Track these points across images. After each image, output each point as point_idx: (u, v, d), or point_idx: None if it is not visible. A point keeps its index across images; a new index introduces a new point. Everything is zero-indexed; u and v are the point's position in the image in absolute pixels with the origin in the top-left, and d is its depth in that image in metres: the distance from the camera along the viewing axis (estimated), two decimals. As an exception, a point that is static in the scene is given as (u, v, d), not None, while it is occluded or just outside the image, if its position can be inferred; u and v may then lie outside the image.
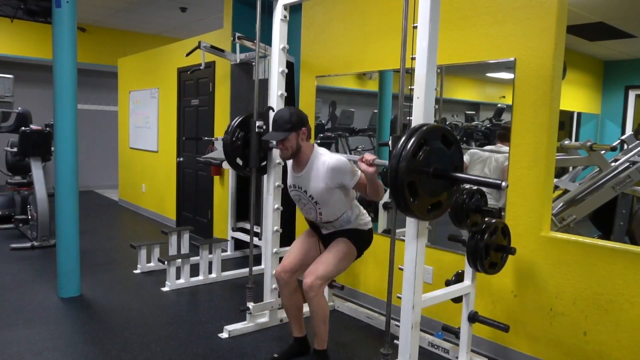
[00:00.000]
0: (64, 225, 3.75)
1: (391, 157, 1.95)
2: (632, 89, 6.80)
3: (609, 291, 2.48)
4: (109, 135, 9.04)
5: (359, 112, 4.75)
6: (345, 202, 2.63)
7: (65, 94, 3.63)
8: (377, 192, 2.47)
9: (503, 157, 3.00)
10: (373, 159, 2.30)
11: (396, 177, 1.91)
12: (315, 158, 2.59)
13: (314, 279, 2.54)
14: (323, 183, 2.54)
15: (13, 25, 7.15)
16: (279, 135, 2.54)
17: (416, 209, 1.97)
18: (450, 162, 2.04)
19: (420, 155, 1.93)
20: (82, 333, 3.18)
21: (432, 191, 2.01)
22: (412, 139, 1.92)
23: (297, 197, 2.73)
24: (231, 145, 3.11)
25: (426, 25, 2.09)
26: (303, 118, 2.60)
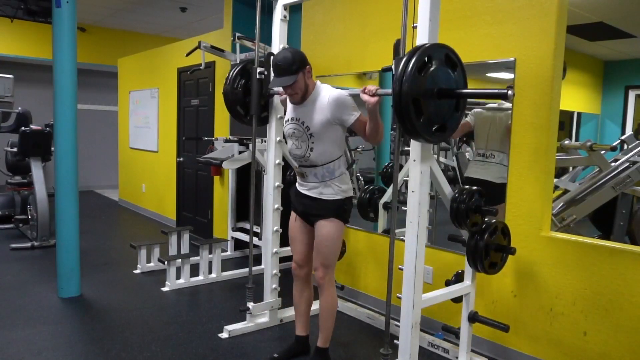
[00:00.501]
0: (64, 225, 3.75)
1: (394, 80, 1.91)
2: (632, 89, 6.80)
3: (609, 291, 2.48)
4: (109, 135, 9.04)
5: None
6: (337, 146, 2.57)
7: (65, 94, 3.63)
8: (377, 130, 2.41)
9: (506, 117, 2.96)
10: (376, 89, 2.24)
11: (401, 95, 1.87)
12: (318, 92, 2.55)
13: (323, 269, 2.64)
14: (323, 116, 2.49)
15: (13, 25, 7.14)
16: (287, 80, 2.46)
17: (421, 128, 1.94)
18: (455, 84, 2.01)
19: (424, 74, 1.90)
20: (82, 333, 3.18)
21: (437, 112, 1.98)
22: (414, 57, 1.89)
23: (291, 131, 2.64)
24: (232, 93, 3.05)
25: (426, 25, 2.09)
26: (304, 56, 2.53)
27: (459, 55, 2.07)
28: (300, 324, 2.88)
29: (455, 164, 3.92)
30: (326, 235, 2.62)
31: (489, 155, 3.22)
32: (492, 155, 3.20)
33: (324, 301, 2.69)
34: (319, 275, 2.66)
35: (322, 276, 2.65)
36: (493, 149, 3.22)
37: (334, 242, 2.63)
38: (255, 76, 3.03)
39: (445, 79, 1.99)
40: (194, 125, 5.96)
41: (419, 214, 2.16)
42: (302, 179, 2.68)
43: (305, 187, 2.68)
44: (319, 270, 2.65)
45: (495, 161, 3.18)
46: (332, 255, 2.65)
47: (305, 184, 2.68)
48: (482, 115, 3.30)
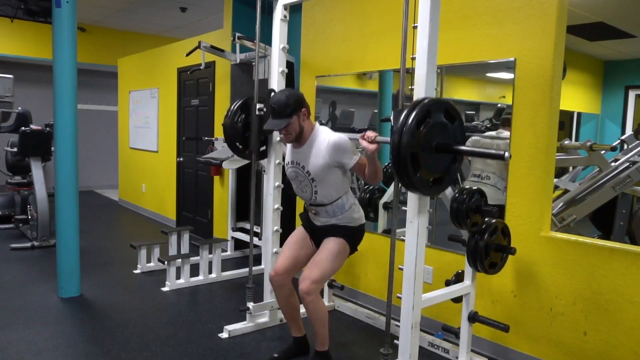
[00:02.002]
0: (64, 225, 3.75)
1: (393, 132, 1.93)
2: (632, 89, 6.79)
3: (609, 291, 2.48)
4: (109, 135, 9.03)
5: (359, 112, 4.75)
6: (342, 185, 2.58)
7: (65, 94, 3.63)
8: (376, 173, 2.42)
9: (504, 144, 2.99)
10: (375, 135, 2.26)
11: (399, 150, 1.89)
12: (316, 135, 2.55)
13: (310, 283, 2.50)
14: (322, 160, 2.50)
15: (13, 25, 7.14)
16: (280, 122, 2.49)
17: (419, 183, 1.96)
18: (453, 137, 2.03)
19: (423, 129, 1.92)
20: (82, 333, 3.18)
21: (435, 166, 2.00)
22: (414, 112, 1.91)
23: (294, 174, 2.66)
24: (231, 128, 3.08)
25: (426, 25, 2.09)
26: (301, 98, 2.54)
27: (457, 109, 2.08)
28: (294, 326, 2.87)
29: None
30: (329, 250, 2.58)
31: (485, 177, 3.21)
32: (487, 177, 3.20)
33: (311, 314, 2.58)
34: (304, 289, 2.49)
35: (307, 290, 2.49)
36: (489, 171, 3.22)
37: (333, 259, 2.57)
38: (254, 112, 3.05)
39: (443, 132, 2.00)
40: (194, 125, 5.96)
41: (419, 214, 2.16)
42: (314, 216, 2.69)
43: (318, 222, 2.68)
44: (306, 282, 2.50)
45: (490, 183, 3.17)
46: (326, 271, 2.56)
47: (317, 219, 2.68)
48: (480, 143, 3.30)
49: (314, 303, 2.54)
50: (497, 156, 1.97)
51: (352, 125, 4.80)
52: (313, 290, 2.51)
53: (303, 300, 2.54)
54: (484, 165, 3.27)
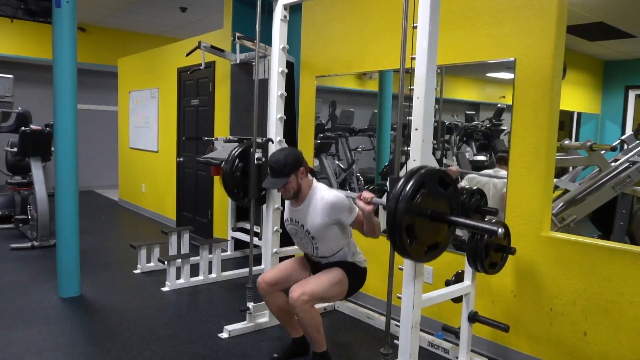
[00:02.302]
0: (64, 225, 3.75)
1: (389, 199, 1.96)
2: (632, 89, 6.79)
3: (609, 291, 2.48)
4: (109, 135, 9.04)
5: (359, 112, 4.75)
6: (342, 239, 2.64)
7: (65, 94, 3.63)
8: (374, 230, 2.49)
9: (502, 184, 2.98)
10: (371, 197, 2.34)
11: (394, 220, 1.92)
12: (313, 193, 2.61)
13: (300, 293, 2.48)
14: (320, 218, 2.56)
15: (13, 25, 7.15)
16: (278, 182, 2.55)
17: (414, 252, 2.00)
18: (448, 203, 2.06)
19: (418, 198, 1.94)
20: (82, 333, 3.18)
21: (430, 233, 2.02)
22: (410, 182, 1.93)
23: (293, 231, 2.74)
24: (230, 176, 3.15)
25: (426, 25, 2.09)
26: (298, 157, 2.60)
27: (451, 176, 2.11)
28: (291, 328, 2.87)
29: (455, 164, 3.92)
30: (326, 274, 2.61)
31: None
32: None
33: (304, 324, 2.57)
34: (295, 297, 2.46)
35: (297, 299, 2.46)
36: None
37: (328, 283, 2.57)
38: (253, 161, 3.07)
39: (438, 199, 2.02)
40: (194, 125, 5.96)
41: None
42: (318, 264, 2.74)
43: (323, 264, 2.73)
44: (297, 291, 2.48)
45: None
46: (319, 290, 2.53)
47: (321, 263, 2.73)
48: (476, 180, 3.30)
49: (304, 312, 2.51)
50: (490, 232, 1.99)
51: (352, 125, 4.81)
52: (302, 301, 2.48)
53: (293, 309, 2.53)
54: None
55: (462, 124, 4.15)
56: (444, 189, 2.05)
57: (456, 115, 4.18)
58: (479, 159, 4.20)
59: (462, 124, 4.14)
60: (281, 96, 3.24)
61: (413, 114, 2.14)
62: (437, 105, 2.79)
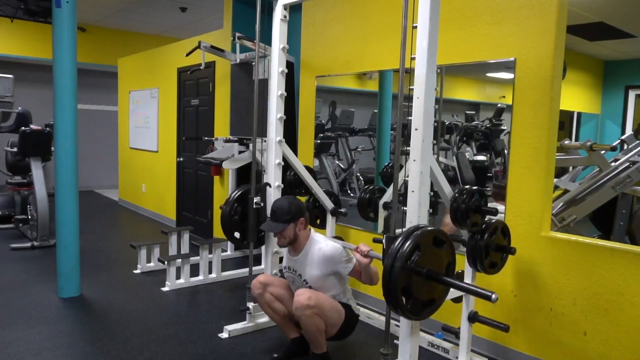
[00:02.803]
0: (64, 225, 3.75)
1: (385, 257, 1.99)
2: (632, 89, 6.79)
3: (609, 291, 2.48)
4: (109, 135, 9.03)
5: (359, 112, 4.75)
6: (339, 287, 2.70)
7: (65, 94, 3.63)
8: (371, 279, 2.54)
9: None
10: (367, 250, 2.39)
11: (390, 280, 1.94)
12: (311, 245, 2.66)
13: (308, 297, 2.50)
14: (318, 270, 2.60)
15: (13, 25, 7.15)
16: (277, 226, 2.61)
17: (410, 311, 2.01)
18: (443, 260, 2.07)
19: (414, 259, 1.96)
20: (82, 333, 3.18)
21: (426, 291, 2.03)
22: (406, 243, 1.95)
23: (290, 279, 2.79)
24: (229, 220, 3.19)
25: (426, 25, 2.09)
26: (302, 208, 2.66)
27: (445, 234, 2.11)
28: (289, 329, 2.87)
29: (455, 164, 3.93)
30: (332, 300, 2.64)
31: None
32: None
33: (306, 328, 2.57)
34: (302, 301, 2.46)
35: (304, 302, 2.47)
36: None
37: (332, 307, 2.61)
38: (251, 206, 3.10)
39: (433, 258, 2.03)
40: (194, 125, 5.96)
41: (419, 213, 2.16)
42: None
43: None
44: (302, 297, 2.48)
45: None
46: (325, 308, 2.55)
47: None
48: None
49: (308, 317, 2.52)
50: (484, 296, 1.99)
51: (352, 125, 4.81)
52: (308, 306, 2.49)
53: (296, 311, 2.53)
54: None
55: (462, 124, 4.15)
56: (438, 247, 2.06)
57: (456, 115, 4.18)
58: (479, 159, 4.20)
59: (462, 124, 4.14)
60: (281, 96, 3.24)
61: (413, 114, 2.14)
62: (437, 105, 2.79)
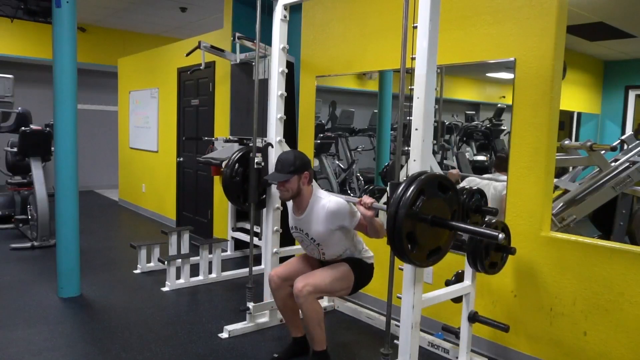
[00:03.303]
0: (64, 225, 3.75)
1: (389, 205, 1.96)
2: (632, 89, 6.78)
3: (609, 291, 2.48)
4: (109, 135, 9.04)
5: (359, 112, 4.76)
6: (347, 241, 2.69)
7: (65, 94, 3.63)
8: (377, 232, 2.53)
9: (502, 186, 2.97)
10: (371, 202, 2.38)
11: (394, 226, 1.92)
12: (315, 201, 2.65)
13: (304, 284, 2.53)
14: (323, 226, 2.60)
15: (13, 25, 7.15)
16: (281, 176, 2.59)
17: (415, 257, 2.00)
18: (448, 207, 2.06)
19: (419, 204, 1.94)
20: (82, 333, 3.18)
21: (431, 238, 2.02)
22: (410, 188, 1.93)
23: (299, 239, 2.79)
24: (230, 181, 3.16)
25: (426, 25, 2.09)
26: (306, 162, 2.65)
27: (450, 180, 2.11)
28: (293, 327, 2.88)
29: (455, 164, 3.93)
30: (332, 268, 2.66)
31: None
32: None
33: (305, 314, 2.60)
34: (298, 287, 2.54)
35: (301, 289, 2.52)
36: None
37: (333, 277, 2.62)
38: (253, 166, 3.08)
39: (438, 204, 2.02)
40: (194, 125, 5.96)
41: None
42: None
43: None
44: (301, 282, 2.55)
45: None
46: (324, 283, 2.59)
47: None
48: (476, 182, 3.30)
49: (307, 304, 2.55)
50: (491, 237, 1.99)
51: (352, 125, 4.81)
52: (305, 292, 2.52)
53: (296, 299, 2.58)
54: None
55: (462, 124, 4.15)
56: (443, 194, 2.04)
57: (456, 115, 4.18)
58: (479, 159, 4.20)
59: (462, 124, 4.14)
60: (281, 96, 3.24)
61: (413, 114, 2.15)
62: (437, 105, 2.79)
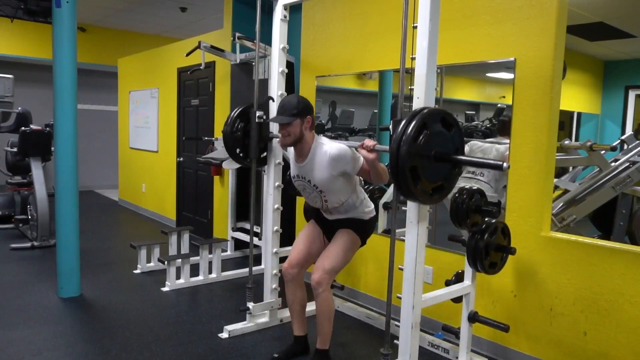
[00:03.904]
0: (64, 225, 3.75)
1: (392, 142, 1.94)
2: (632, 89, 6.79)
3: (609, 291, 2.48)
4: (109, 135, 9.03)
5: (359, 112, 4.75)
6: (349, 187, 2.65)
7: (65, 94, 3.63)
8: (380, 176, 2.48)
9: (504, 148, 2.99)
10: (373, 145, 2.32)
11: (397, 162, 1.90)
12: (317, 148, 2.61)
13: (322, 273, 2.59)
14: (326, 172, 2.56)
15: (13, 25, 7.15)
16: (284, 119, 2.55)
17: (418, 193, 1.97)
18: (451, 144, 2.04)
19: (421, 139, 1.92)
20: (82, 333, 3.18)
21: (434, 175, 2.00)
22: (412, 123, 1.91)
23: (301, 187, 2.75)
24: (231, 136, 3.10)
25: (426, 25, 2.09)
26: (309, 107, 2.62)
27: (454, 117, 2.09)
28: (297, 324, 2.88)
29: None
30: (340, 242, 2.65)
31: (479, 173, 3.21)
32: (481, 173, 3.20)
33: (320, 306, 2.66)
34: (316, 279, 2.60)
35: (319, 281, 2.59)
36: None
37: (345, 251, 2.65)
38: (254, 120, 3.06)
39: (441, 140, 2.01)
40: (194, 125, 5.96)
41: (419, 214, 2.16)
42: (328, 214, 2.77)
43: (330, 217, 2.77)
44: (318, 272, 2.61)
45: (483, 179, 3.18)
46: (338, 263, 2.64)
47: (330, 216, 2.77)
48: (477, 146, 3.31)
49: (325, 294, 2.62)
50: (495, 166, 1.98)
51: (352, 125, 4.80)
52: (325, 280, 2.60)
53: (315, 291, 2.61)
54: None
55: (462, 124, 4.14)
56: (447, 130, 2.02)
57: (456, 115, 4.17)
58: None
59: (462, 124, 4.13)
60: (281, 96, 3.24)
61: (413, 113, 2.14)
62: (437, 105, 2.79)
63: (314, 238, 2.83)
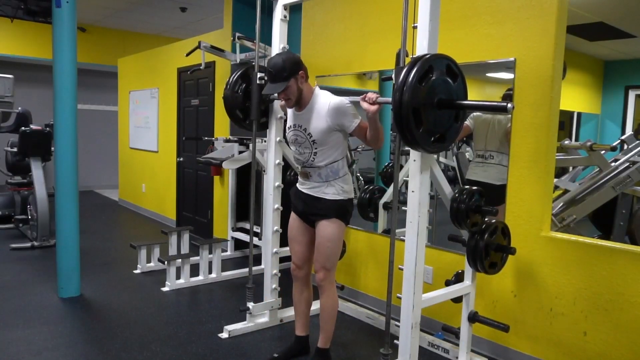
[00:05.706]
0: (64, 225, 3.75)
1: (395, 89, 1.92)
2: (632, 89, 6.79)
3: (609, 291, 2.48)
4: (109, 135, 9.03)
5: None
6: (340, 149, 2.60)
7: (65, 94, 3.63)
8: (377, 136, 2.43)
9: (506, 119, 2.99)
10: (376, 97, 2.26)
11: (400, 107, 1.88)
12: (317, 97, 2.57)
13: (324, 271, 2.64)
14: (324, 122, 2.52)
15: (13, 25, 7.15)
16: (278, 86, 2.49)
17: (421, 139, 1.95)
18: (455, 95, 2.02)
19: (425, 84, 1.91)
20: (82, 333, 3.18)
21: (437, 122, 1.98)
22: (415, 67, 1.89)
23: (294, 138, 2.67)
24: (231, 97, 3.06)
25: (426, 25, 2.09)
26: (298, 60, 2.54)
27: (459, 66, 2.08)
28: (300, 324, 2.88)
29: (455, 164, 3.92)
30: (328, 237, 2.62)
31: (488, 157, 3.23)
32: (490, 156, 3.21)
33: (324, 303, 2.69)
34: (319, 277, 2.65)
35: (323, 278, 2.65)
36: (491, 149, 3.23)
37: (335, 243, 2.64)
38: (255, 81, 3.02)
39: (445, 89, 2.00)
40: (194, 125, 5.96)
41: (419, 214, 2.16)
42: (306, 178, 2.68)
43: (307, 186, 2.68)
44: (320, 272, 2.65)
45: (494, 162, 3.18)
46: (333, 256, 2.65)
47: (307, 183, 2.68)
48: (481, 118, 3.31)
49: (331, 291, 2.68)
50: (499, 108, 1.94)
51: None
52: (328, 275, 2.65)
53: (320, 288, 2.66)
54: (485, 143, 3.27)
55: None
56: (452, 80, 2.00)
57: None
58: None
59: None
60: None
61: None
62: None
63: (302, 232, 2.79)
